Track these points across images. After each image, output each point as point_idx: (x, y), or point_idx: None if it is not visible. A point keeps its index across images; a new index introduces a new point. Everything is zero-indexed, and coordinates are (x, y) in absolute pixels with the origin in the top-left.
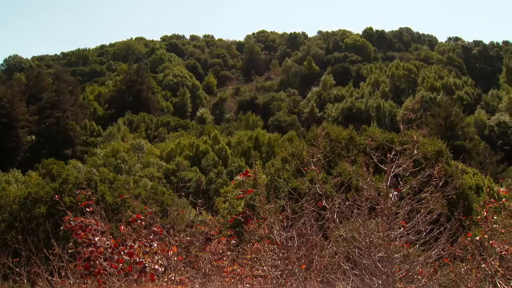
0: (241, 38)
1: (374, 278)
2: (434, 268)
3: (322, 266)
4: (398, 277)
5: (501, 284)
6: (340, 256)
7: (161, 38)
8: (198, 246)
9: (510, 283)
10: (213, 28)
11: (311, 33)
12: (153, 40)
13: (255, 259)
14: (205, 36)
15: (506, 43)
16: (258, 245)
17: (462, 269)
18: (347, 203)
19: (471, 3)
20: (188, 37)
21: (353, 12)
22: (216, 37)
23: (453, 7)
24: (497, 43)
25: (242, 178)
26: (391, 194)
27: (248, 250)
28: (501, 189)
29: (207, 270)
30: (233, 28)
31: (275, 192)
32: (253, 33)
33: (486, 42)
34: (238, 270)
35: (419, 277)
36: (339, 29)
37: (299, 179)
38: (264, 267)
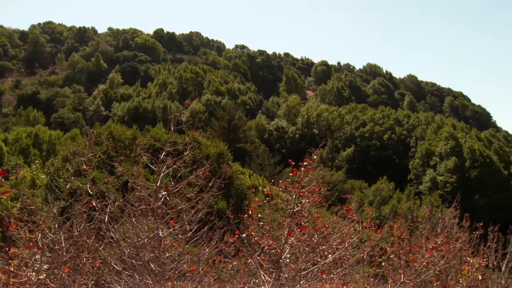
0: (25, 27)
1: (145, 278)
2: (209, 265)
3: (95, 269)
4: (172, 275)
5: (265, 277)
6: (113, 258)
7: None
8: None
9: (273, 275)
10: None
11: (101, 29)
12: None
13: (20, 264)
14: None
15: (286, 54)
16: (16, 250)
17: (229, 266)
18: (116, 204)
19: (258, 15)
20: None
21: (145, 12)
22: None
23: (241, 17)
24: (279, 54)
25: None
26: (160, 194)
27: (11, 255)
28: (266, 189)
29: None
30: (16, 16)
31: (54, 193)
32: (39, 23)
33: (270, 52)
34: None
35: (191, 274)
36: (130, 28)
37: (79, 179)
38: (28, 273)
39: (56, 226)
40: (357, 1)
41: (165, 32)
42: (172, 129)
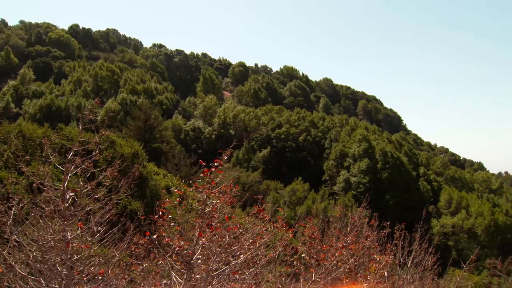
0: None
1: (52, 283)
2: (120, 267)
3: None
4: (82, 278)
5: (177, 278)
6: (17, 262)
7: None
8: None
9: (184, 276)
10: None
11: (12, 21)
12: None
13: None
14: None
15: (204, 55)
16: None
17: (140, 267)
18: (21, 205)
19: (177, 14)
20: None
21: (59, 6)
22: None
23: (159, 16)
24: (197, 54)
25: None
26: (68, 195)
27: None
28: (176, 190)
29: None
30: None
31: None
32: None
33: (187, 52)
34: None
35: (101, 277)
36: (44, 22)
37: None
38: None
39: None
40: (274, 4)
41: (81, 28)
42: (80, 127)
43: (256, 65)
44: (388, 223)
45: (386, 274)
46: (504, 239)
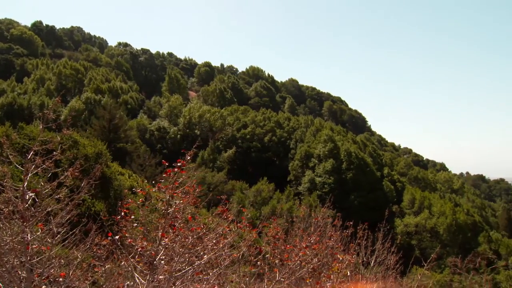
0: None
1: (11, 286)
2: (82, 269)
3: None
4: (43, 281)
5: (140, 279)
6: None
7: None
8: None
9: (147, 277)
10: None
11: None
12: None
13: None
14: None
15: (170, 54)
16: None
17: (102, 269)
18: None
19: (142, 13)
20: None
21: (22, 2)
22: None
23: (125, 14)
24: (163, 54)
25: None
26: (27, 195)
27: None
28: (139, 190)
29: None
30: None
31: None
32: None
33: (153, 51)
34: None
35: (61, 279)
36: (6, 18)
37: None
38: None
39: None
40: (240, 5)
41: (44, 25)
42: (41, 127)
43: (222, 65)
44: (351, 223)
45: (349, 274)
46: (465, 238)
